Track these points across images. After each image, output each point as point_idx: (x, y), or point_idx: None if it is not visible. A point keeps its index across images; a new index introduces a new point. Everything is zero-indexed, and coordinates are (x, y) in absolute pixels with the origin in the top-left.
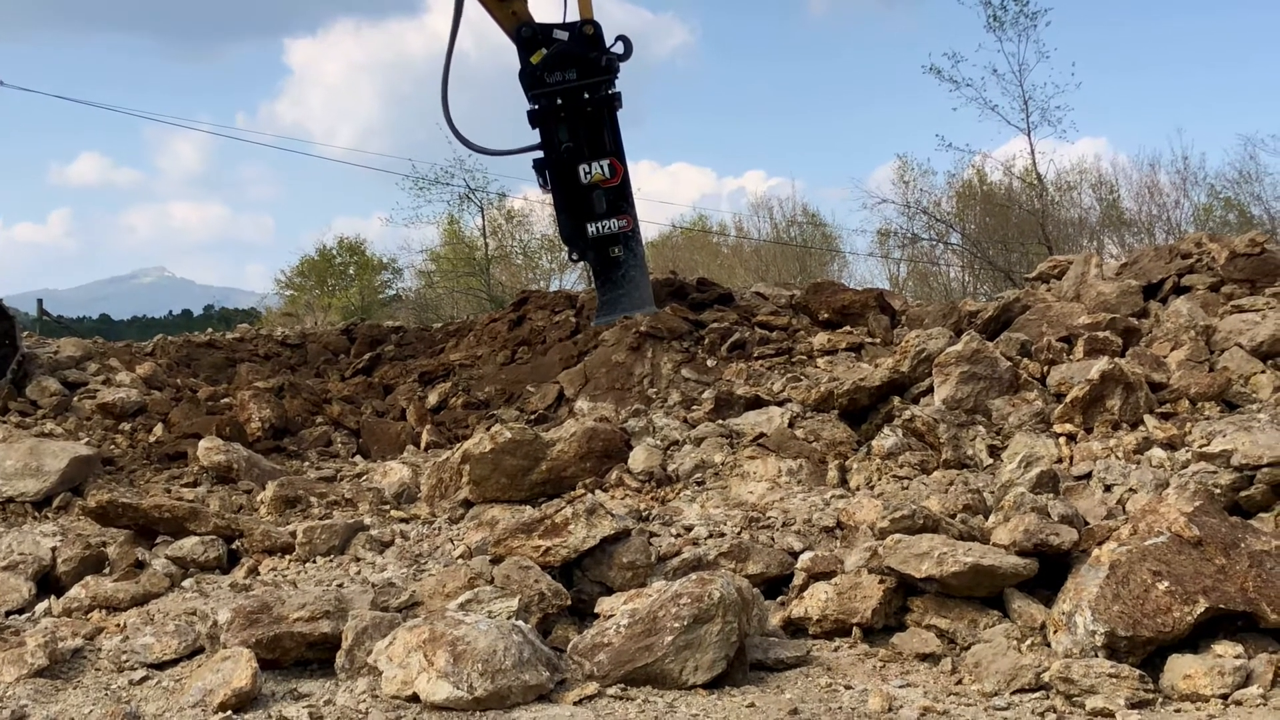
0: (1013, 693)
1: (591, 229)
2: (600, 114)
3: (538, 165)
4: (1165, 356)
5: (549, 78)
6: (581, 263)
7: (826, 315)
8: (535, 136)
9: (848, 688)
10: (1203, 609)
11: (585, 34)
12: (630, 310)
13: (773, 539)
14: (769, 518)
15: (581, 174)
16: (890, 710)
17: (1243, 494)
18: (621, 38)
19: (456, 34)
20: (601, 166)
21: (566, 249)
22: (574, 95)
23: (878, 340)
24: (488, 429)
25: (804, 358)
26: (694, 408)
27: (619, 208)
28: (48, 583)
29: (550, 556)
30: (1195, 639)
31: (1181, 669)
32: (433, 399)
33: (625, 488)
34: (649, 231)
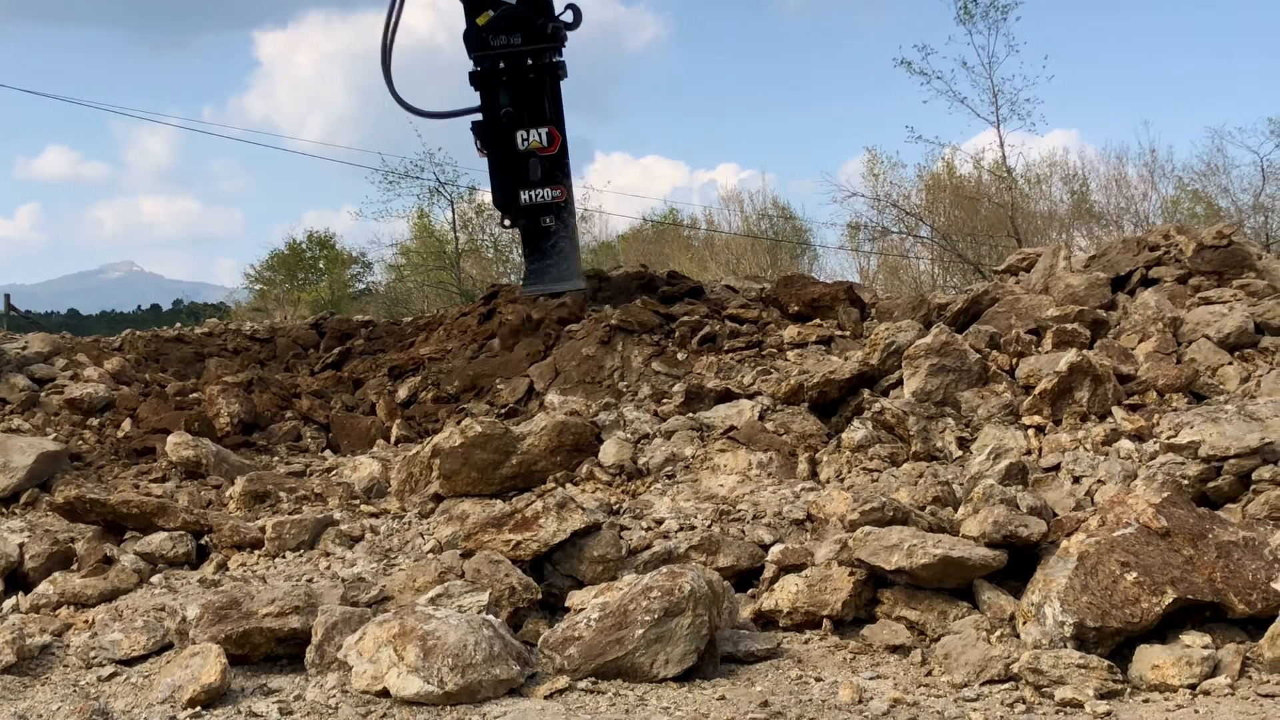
0: (982, 684)
1: (524, 196)
2: (542, 81)
3: (476, 128)
4: (1133, 348)
5: (493, 40)
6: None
7: (796, 308)
8: (476, 99)
9: (818, 680)
10: (1171, 599)
11: None
12: (557, 281)
13: (743, 532)
14: (739, 511)
15: (519, 140)
16: (860, 702)
17: (1210, 485)
18: (571, 6)
19: None
20: (539, 134)
21: (499, 214)
22: (517, 60)
23: (848, 333)
24: (458, 423)
25: (774, 351)
26: (664, 401)
27: (554, 177)
28: (15, 579)
29: (521, 550)
30: (1163, 629)
31: (1150, 659)
32: (403, 393)
33: (596, 481)
34: (620, 225)
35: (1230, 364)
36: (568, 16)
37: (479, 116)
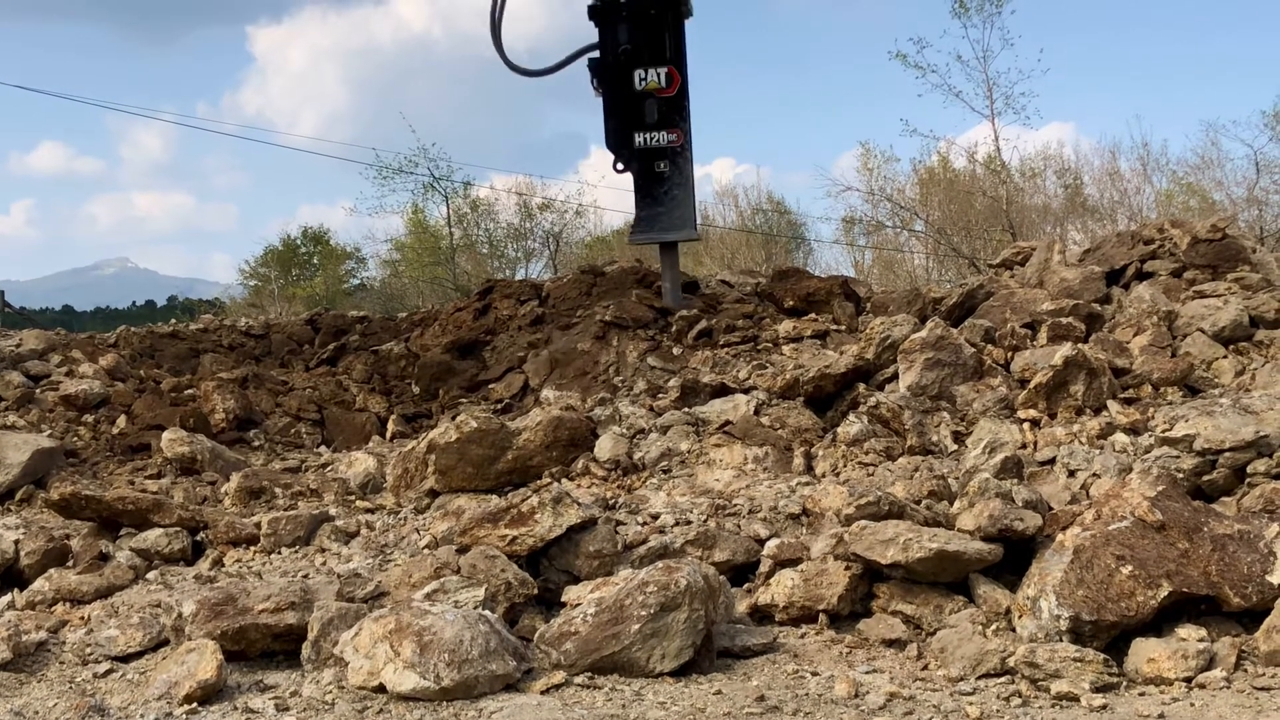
0: (978, 678)
1: (639, 139)
2: (664, 18)
3: (592, 65)
4: (1128, 342)
5: None
6: (625, 173)
7: (792, 302)
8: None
9: (814, 674)
10: (1166, 593)
11: None
12: (667, 230)
13: (739, 526)
14: (735, 505)
15: (636, 79)
16: (856, 696)
17: (1205, 478)
18: None
19: None
20: (658, 74)
21: (612, 158)
22: None
23: (843, 327)
24: (453, 418)
25: (769, 345)
26: (660, 396)
27: (671, 120)
28: (10, 576)
29: (517, 545)
30: (1159, 623)
31: (1145, 653)
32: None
33: (591, 476)
34: (615, 220)
35: (1225, 357)
36: None
37: (596, 53)
